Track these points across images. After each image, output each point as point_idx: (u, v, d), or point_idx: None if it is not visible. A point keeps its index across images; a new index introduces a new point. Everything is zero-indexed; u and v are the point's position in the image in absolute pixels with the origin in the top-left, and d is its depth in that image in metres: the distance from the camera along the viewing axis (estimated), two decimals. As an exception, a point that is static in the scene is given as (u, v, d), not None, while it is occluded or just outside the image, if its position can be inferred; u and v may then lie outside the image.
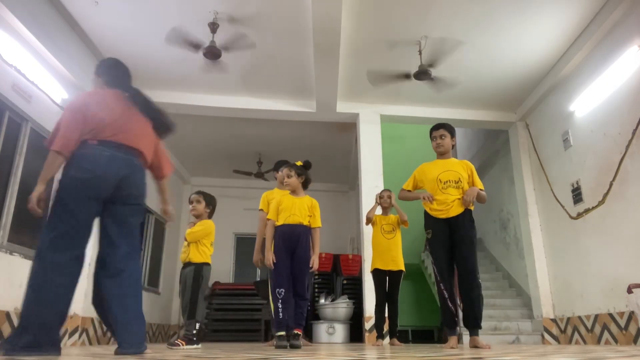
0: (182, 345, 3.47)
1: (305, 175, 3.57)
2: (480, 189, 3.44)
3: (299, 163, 3.61)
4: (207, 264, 3.78)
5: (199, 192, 3.96)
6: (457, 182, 3.42)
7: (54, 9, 4.46)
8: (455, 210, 3.36)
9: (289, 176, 3.51)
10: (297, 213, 3.42)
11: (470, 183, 3.47)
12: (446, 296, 3.30)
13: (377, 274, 4.57)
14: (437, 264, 3.38)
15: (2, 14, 3.84)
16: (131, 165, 2.37)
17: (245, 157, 8.21)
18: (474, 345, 3.21)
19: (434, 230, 3.43)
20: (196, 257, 3.71)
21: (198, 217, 3.87)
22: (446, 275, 3.35)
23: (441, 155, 3.59)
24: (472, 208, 3.43)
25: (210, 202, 3.93)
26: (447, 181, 3.43)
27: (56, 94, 4.77)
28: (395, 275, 4.56)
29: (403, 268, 4.57)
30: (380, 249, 4.58)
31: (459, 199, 3.38)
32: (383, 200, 4.69)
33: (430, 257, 3.43)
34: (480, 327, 3.32)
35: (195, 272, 3.67)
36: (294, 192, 3.54)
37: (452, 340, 3.27)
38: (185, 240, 3.74)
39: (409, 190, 3.66)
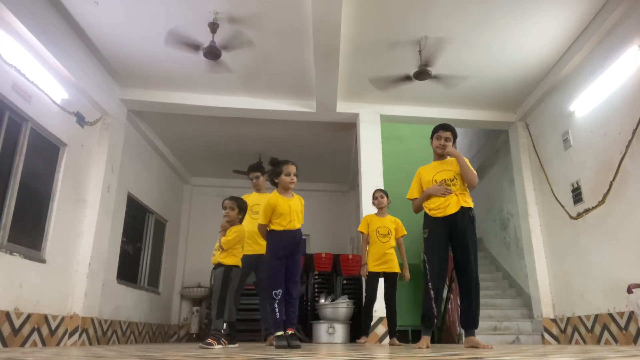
0: (225, 344, 3.56)
1: None
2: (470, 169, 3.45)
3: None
4: (237, 267, 3.84)
5: (232, 198, 3.89)
6: (452, 180, 3.44)
7: (53, 9, 4.46)
8: (453, 208, 3.36)
9: (295, 175, 3.53)
10: (295, 218, 3.50)
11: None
12: (432, 296, 3.27)
13: (370, 276, 4.63)
14: (430, 263, 3.36)
15: (2, 14, 3.84)
16: None
17: (245, 157, 8.19)
18: (472, 345, 3.17)
19: (431, 229, 3.42)
20: (226, 260, 3.77)
21: (230, 222, 3.84)
22: (437, 275, 3.32)
23: (439, 156, 3.58)
24: (472, 205, 3.43)
25: (244, 208, 3.92)
26: (442, 181, 3.46)
27: (56, 94, 4.77)
28: (390, 277, 4.60)
29: (398, 270, 4.60)
30: (375, 251, 4.61)
31: (456, 195, 3.39)
32: (377, 201, 4.69)
33: (425, 255, 3.41)
34: (477, 327, 3.30)
35: (225, 273, 3.74)
36: (287, 192, 3.56)
37: (426, 339, 3.26)
38: (222, 248, 3.77)
39: (416, 198, 3.59)
